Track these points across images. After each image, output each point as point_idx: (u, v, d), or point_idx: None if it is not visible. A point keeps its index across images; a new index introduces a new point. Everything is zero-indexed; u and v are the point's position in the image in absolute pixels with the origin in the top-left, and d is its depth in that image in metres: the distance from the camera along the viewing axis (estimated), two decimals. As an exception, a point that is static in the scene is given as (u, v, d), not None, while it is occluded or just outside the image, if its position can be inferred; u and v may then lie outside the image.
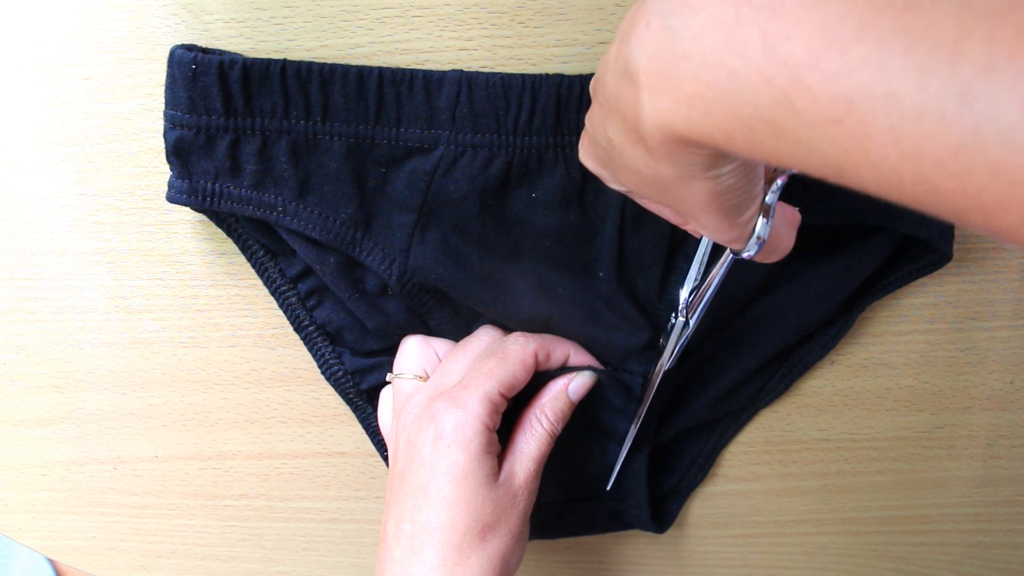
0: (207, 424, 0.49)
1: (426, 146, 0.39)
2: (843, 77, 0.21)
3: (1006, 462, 0.52)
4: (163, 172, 0.42)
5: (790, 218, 0.35)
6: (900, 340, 0.48)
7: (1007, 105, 0.19)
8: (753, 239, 0.32)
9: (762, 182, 0.31)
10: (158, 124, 0.40)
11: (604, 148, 0.31)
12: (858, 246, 0.43)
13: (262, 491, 0.51)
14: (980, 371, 0.49)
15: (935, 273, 0.45)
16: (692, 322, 0.41)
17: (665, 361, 0.43)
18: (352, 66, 0.38)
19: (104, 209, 0.44)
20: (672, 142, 0.26)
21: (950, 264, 0.44)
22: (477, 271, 0.41)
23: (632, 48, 0.26)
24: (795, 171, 0.32)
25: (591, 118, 0.31)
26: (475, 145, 0.39)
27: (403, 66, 0.39)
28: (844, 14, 0.21)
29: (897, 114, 0.21)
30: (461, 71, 0.39)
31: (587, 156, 0.33)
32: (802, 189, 0.41)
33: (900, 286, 0.45)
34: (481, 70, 0.39)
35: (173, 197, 0.40)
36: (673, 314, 0.41)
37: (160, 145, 0.40)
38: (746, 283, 0.44)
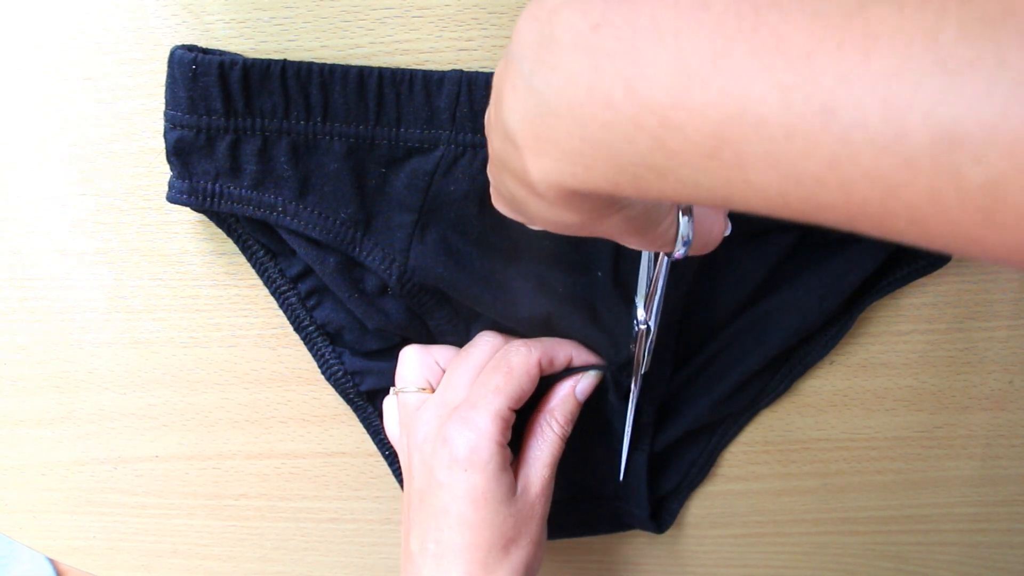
0: (207, 424, 0.49)
1: (426, 146, 0.39)
2: (708, 111, 0.21)
3: (1005, 462, 0.52)
4: (163, 172, 0.42)
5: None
6: (899, 340, 0.48)
7: (870, 110, 0.19)
8: (679, 241, 0.31)
9: None
10: (158, 124, 0.40)
11: (510, 202, 0.30)
12: (858, 246, 0.43)
13: (262, 491, 0.51)
14: (979, 371, 0.49)
15: (935, 273, 0.45)
16: (653, 325, 0.41)
17: (639, 365, 0.43)
18: (352, 66, 0.38)
19: (104, 209, 0.44)
20: (566, 196, 0.26)
21: (950, 264, 0.44)
22: (477, 271, 0.41)
23: (505, 112, 0.25)
24: None
25: (490, 172, 0.31)
26: (475, 145, 0.39)
27: (403, 66, 0.39)
28: (698, 46, 0.21)
29: (768, 139, 0.20)
30: (461, 71, 0.39)
31: (499, 204, 0.32)
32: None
33: (900, 286, 0.45)
34: (481, 70, 0.39)
35: (173, 197, 0.40)
36: (636, 322, 0.42)
37: (160, 145, 0.40)
38: (746, 285, 0.44)
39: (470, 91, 0.38)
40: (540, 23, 0.24)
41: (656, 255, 0.40)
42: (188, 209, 0.43)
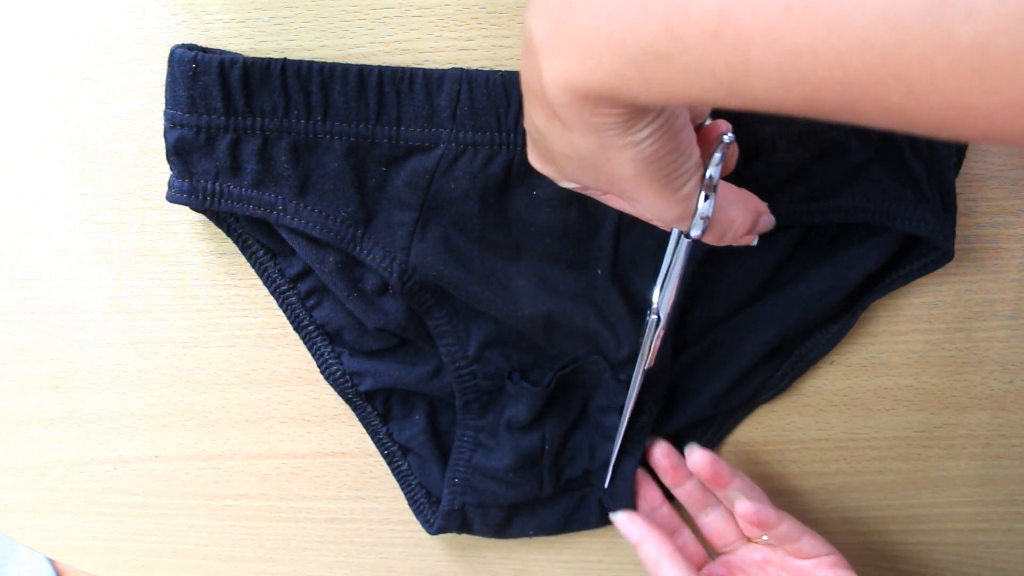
0: (207, 424, 0.49)
1: (427, 145, 0.39)
2: None
3: (1005, 461, 0.52)
4: (163, 172, 0.42)
5: (744, 198, 0.35)
6: (900, 340, 0.48)
7: None
8: (697, 217, 0.31)
9: (696, 156, 0.31)
10: (158, 124, 0.40)
11: (537, 141, 0.31)
12: (860, 245, 0.43)
13: (262, 491, 0.51)
14: (979, 371, 0.49)
15: (935, 273, 0.45)
16: (662, 316, 0.41)
17: (643, 358, 0.43)
18: (352, 65, 0.38)
19: (104, 209, 0.44)
20: (577, 102, 0.26)
21: (950, 264, 0.44)
22: (478, 269, 0.41)
23: (528, 21, 0.27)
24: (730, 140, 0.32)
25: (524, 118, 0.32)
26: (476, 143, 0.39)
27: (403, 66, 0.39)
28: None
29: (767, 13, 0.21)
30: (461, 69, 0.39)
31: (534, 158, 0.34)
32: (804, 188, 0.42)
33: (902, 284, 0.45)
34: (481, 69, 0.39)
35: (173, 197, 0.40)
36: (648, 311, 0.42)
37: (160, 145, 0.40)
38: (747, 282, 0.44)
39: (470, 89, 0.38)
40: None
41: (675, 244, 0.40)
42: (188, 209, 0.43)
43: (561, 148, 0.30)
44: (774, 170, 0.41)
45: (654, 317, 0.42)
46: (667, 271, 0.40)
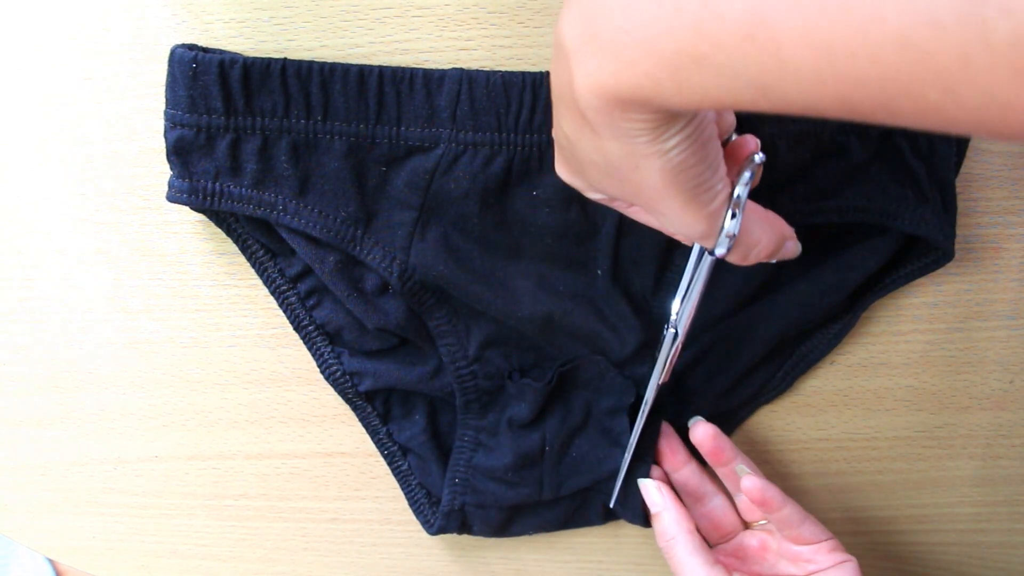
0: (207, 424, 0.49)
1: (427, 145, 0.39)
2: None
3: (1005, 462, 0.52)
4: (163, 172, 0.42)
5: (771, 221, 0.35)
6: (900, 340, 0.48)
7: None
8: (723, 235, 0.31)
9: (723, 171, 0.31)
10: (158, 124, 0.40)
11: (566, 149, 0.31)
12: (861, 245, 0.43)
13: (262, 491, 0.51)
14: (979, 371, 0.49)
15: (935, 273, 0.45)
16: (681, 330, 0.41)
17: (658, 374, 0.43)
18: (352, 65, 0.38)
19: (104, 209, 0.44)
20: (607, 106, 0.26)
21: (950, 264, 0.44)
22: (478, 269, 0.41)
23: (560, 25, 0.27)
24: (761, 160, 0.31)
25: (553, 126, 0.32)
26: (476, 143, 0.39)
27: (403, 66, 0.39)
28: None
29: (801, 11, 0.21)
30: (462, 69, 0.39)
31: (561, 167, 0.34)
32: (804, 188, 0.42)
33: (902, 284, 0.45)
34: (481, 69, 0.39)
35: (173, 197, 0.40)
36: (665, 325, 0.41)
37: (160, 145, 0.40)
38: (750, 280, 0.44)
39: (470, 89, 0.38)
40: None
41: (697, 260, 0.40)
42: (188, 209, 0.43)
43: (590, 156, 0.29)
44: (774, 170, 0.41)
45: (672, 331, 0.41)
46: (688, 286, 0.40)
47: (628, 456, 0.46)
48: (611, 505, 0.48)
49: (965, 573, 0.55)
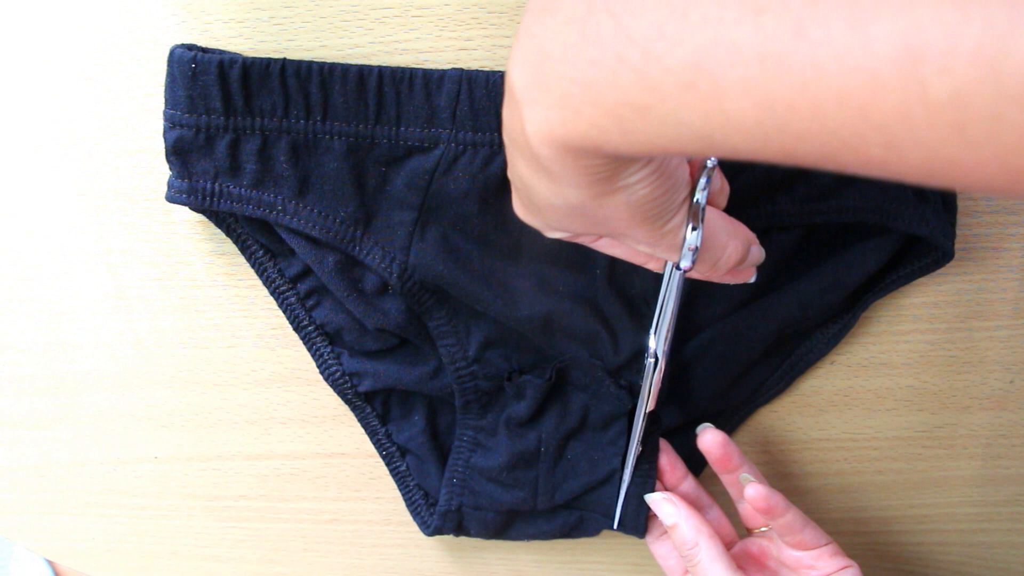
0: (206, 425, 0.49)
1: (426, 145, 0.39)
2: (686, 39, 0.21)
3: (1006, 461, 0.52)
4: (163, 172, 0.42)
5: (735, 226, 0.34)
6: (900, 340, 0.48)
7: (837, 27, 0.19)
8: (685, 248, 0.31)
9: (687, 188, 0.30)
10: (158, 124, 0.40)
11: (521, 191, 0.31)
12: (861, 245, 0.43)
13: (261, 492, 0.51)
14: (980, 371, 0.49)
15: (935, 273, 0.45)
16: (660, 356, 0.41)
17: (644, 402, 0.43)
18: (352, 65, 0.38)
19: (104, 209, 0.44)
20: (559, 153, 0.26)
21: (950, 264, 0.44)
22: (477, 269, 0.41)
23: (510, 69, 0.26)
24: (714, 164, 0.31)
25: (508, 168, 0.31)
26: (475, 144, 0.39)
27: (403, 66, 0.39)
28: None
29: (742, 63, 0.21)
30: (461, 70, 0.39)
31: (518, 208, 0.33)
32: (804, 188, 0.42)
33: (902, 284, 0.45)
34: (481, 70, 0.39)
35: (172, 197, 0.40)
36: (646, 354, 0.42)
37: (160, 145, 0.40)
38: (747, 283, 0.44)
39: (470, 90, 0.38)
40: None
41: (668, 280, 0.40)
42: (188, 209, 0.42)
43: (548, 199, 0.29)
44: (774, 170, 0.41)
45: (651, 360, 0.41)
46: (661, 310, 0.40)
47: (626, 478, 0.46)
48: (614, 527, 0.47)
49: (966, 573, 0.55)
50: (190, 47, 0.38)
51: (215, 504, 0.51)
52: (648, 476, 0.46)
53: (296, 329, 0.45)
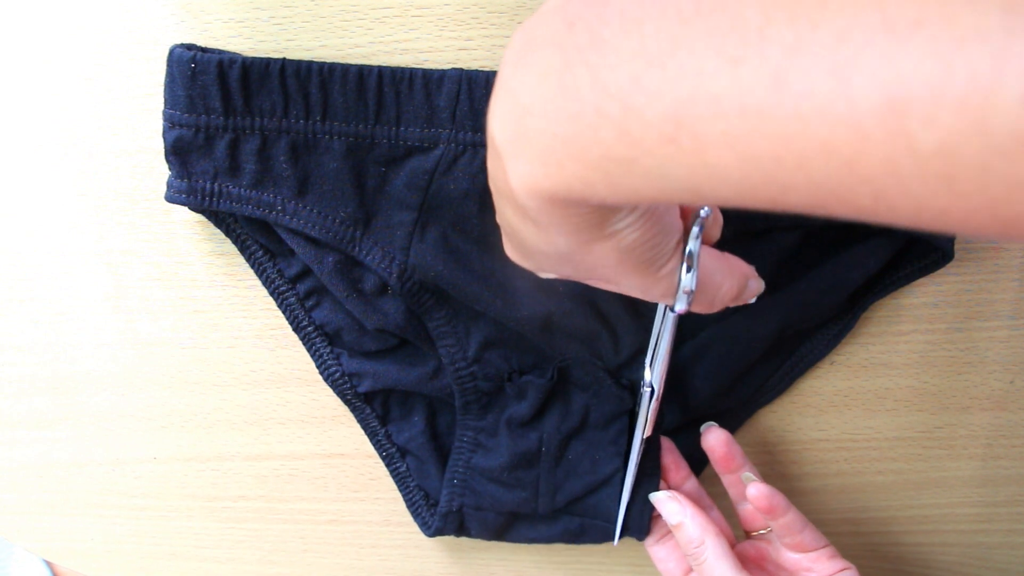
0: (206, 425, 0.49)
1: (426, 145, 0.39)
2: (665, 92, 0.21)
3: (1006, 462, 0.52)
4: (163, 172, 0.42)
5: (730, 263, 0.34)
6: (900, 340, 0.48)
7: (817, 78, 0.18)
8: (680, 291, 0.31)
9: (679, 233, 0.30)
10: (158, 124, 0.40)
11: (511, 236, 0.30)
12: (861, 245, 0.43)
13: (261, 492, 0.51)
14: (980, 371, 0.49)
15: (935, 273, 0.45)
16: (657, 387, 0.41)
17: (641, 429, 0.44)
18: (352, 65, 0.38)
19: (104, 209, 0.44)
20: (545, 205, 0.25)
21: (950, 264, 0.44)
22: (477, 269, 0.41)
23: (490, 122, 0.26)
24: (707, 214, 0.31)
25: (497, 214, 0.31)
26: (475, 144, 0.39)
27: (402, 66, 0.39)
28: (658, 30, 0.21)
29: (722, 117, 0.20)
30: (461, 70, 0.39)
31: (510, 251, 0.33)
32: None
33: (903, 285, 0.45)
34: (481, 69, 0.39)
35: (172, 197, 0.40)
36: (641, 383, 0.42)
37: (160, 145, 0.40)
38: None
39: (470, 90, 0.38)
40: (526, 29, 0.25)
41: (662, 316, 0.40)
42: (187, 209, 0.42)
43: (537, 245, 0.28)
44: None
45: (648, 390, 0.42)
46: (656, 343, 0.40)
47: (625, 497, 0.46)
48: (615, 543, 0.47)
49: (966, 574, 0.55)
50: (190, 47, 0.38)
51: (214, 505, 0.51)
52: (652, 475, 0.46)
53: (295, 329, 0.45)
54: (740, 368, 0.46)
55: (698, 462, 0.49)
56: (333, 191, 0.40)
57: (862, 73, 0.18)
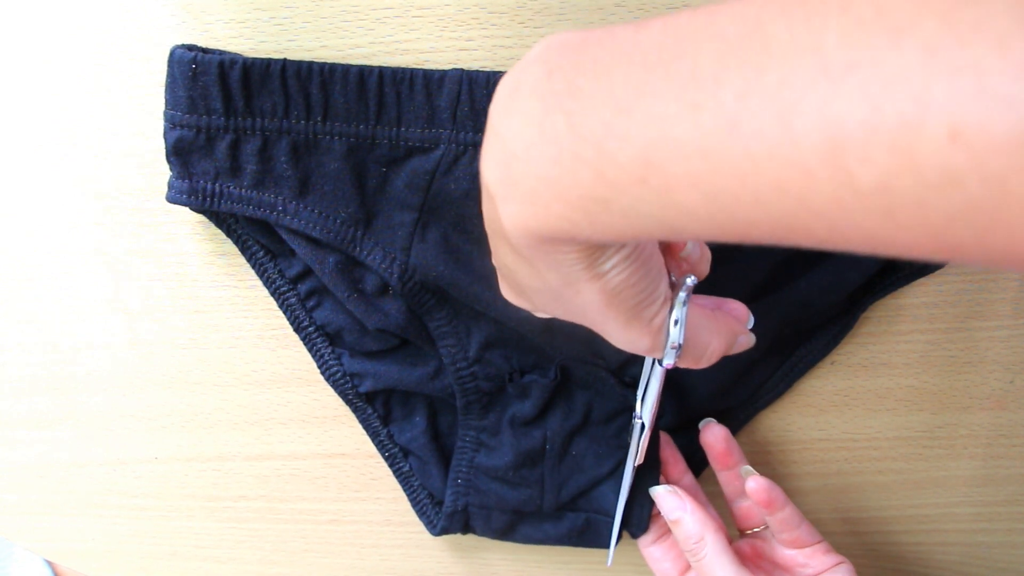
0: (206, 425, 0.49)
1: (427, 145, 0.39)
2: (634, 136, 0.22)
3: (1006, 461, 0.52)
4: (163, 172, 0.42)
5: (718, 321, 0.34)
6: (900, 340, 0.48)
7: (765, 120, 0.20)
8: (668, 346, 0.31)
9: (665, 281, 0.31)
10: (158, 124, 0.40)
11: (507, 276, 0.32)
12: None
13: (262, 493, 0.51)
14: (980, 371, 0.49)
15: (935, 273, 0.45)
16: (647, 422, 0.42)
17: (632, 458, 0.44)
18: (352, 65, 0.38)
19: (104, 209, 0.44)
20: (536, 244, 0.27)
21: (950, 264, 0.44)
22: (478, 269, 0.41)
23: (483, 167, 0.27)
24: (693, 283, 0.31)
25: (492, 254, 0.32)
26: (476, 144, 0.39)
27: (403, 66, 0.39)
28: (626, 78, 0.23)
29: (685, 159, 0.21)
30: (462, 70, 0.39)
31: (505, 291, 0.34)
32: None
33: (902, 285, 0.45)
34: (481, 70, 0.39)
35: (173, 197, 0.40)
36: (633, 416, 0.43)
37: (160, 145, 0.40)
38: (746, 284, 0.44)
39: (471, 90, 0.38)
40: (512, 76, 0.26)
41: (652, 365, 0.41)
42: (188, 209, 0.42)
43: (531, 283, 0.30)
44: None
45: (639, 422, 0.43)
46: (646, 385, 0.42)
47: (624, 495, 0.46)
48: (609, 562, 0.47)
49: (966, 573, 0.55)
50: (190, 47, 0.38)
51: (215, 505, 0.51)
52: (652, 467, 0.46)
53: (296, 330, 0.45)
54: (739, 368, 0.46)
55: (696, 464, 0.50)
56: (334, 191, 0.40)
57: (803, 116, 0.19)
